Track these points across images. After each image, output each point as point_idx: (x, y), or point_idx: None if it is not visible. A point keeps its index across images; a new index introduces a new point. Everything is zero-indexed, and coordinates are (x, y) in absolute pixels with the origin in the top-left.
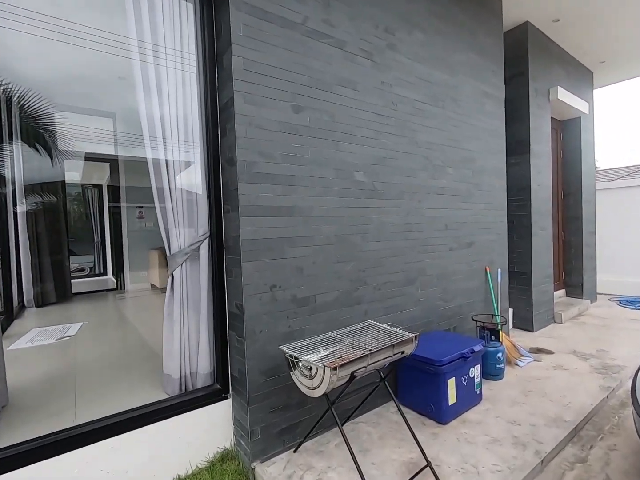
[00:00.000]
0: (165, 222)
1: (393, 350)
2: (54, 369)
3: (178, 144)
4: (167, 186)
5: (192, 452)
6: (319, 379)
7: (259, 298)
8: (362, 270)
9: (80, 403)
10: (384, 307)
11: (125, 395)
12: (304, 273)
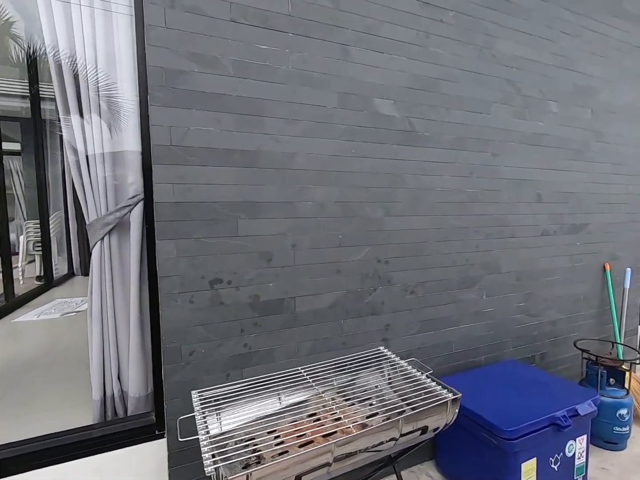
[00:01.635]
0: (77, 170)
1: (401, 428)
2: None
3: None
4: (77, 118)
5: None
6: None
7: (189, 299)
8: (384, 260)
9: None
10: (420, 322)
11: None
12: (274, 262)
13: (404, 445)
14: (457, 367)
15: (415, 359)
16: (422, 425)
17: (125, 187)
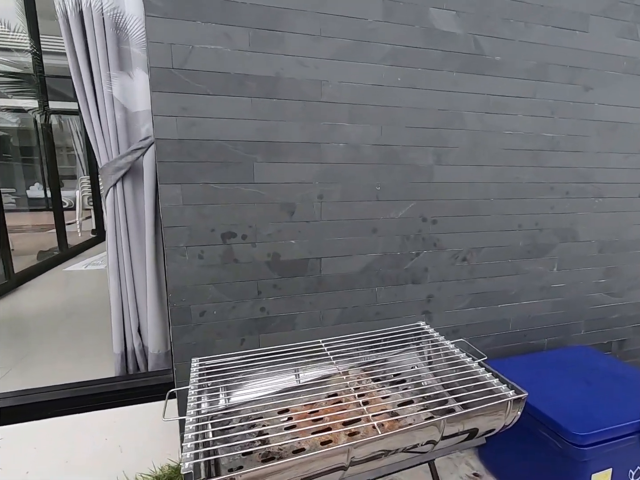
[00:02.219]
0: (86, 109)
1: (443, 429)
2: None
3: None
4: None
5: (128, 460)
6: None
7: (198, 254)
8: (431, 219)
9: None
10: (471, 295)
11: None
12: (297, 216)
13: (443, 451)
14: (511, 349)
15: (464, 339)
16: (471, 427)
17: (137, 128)
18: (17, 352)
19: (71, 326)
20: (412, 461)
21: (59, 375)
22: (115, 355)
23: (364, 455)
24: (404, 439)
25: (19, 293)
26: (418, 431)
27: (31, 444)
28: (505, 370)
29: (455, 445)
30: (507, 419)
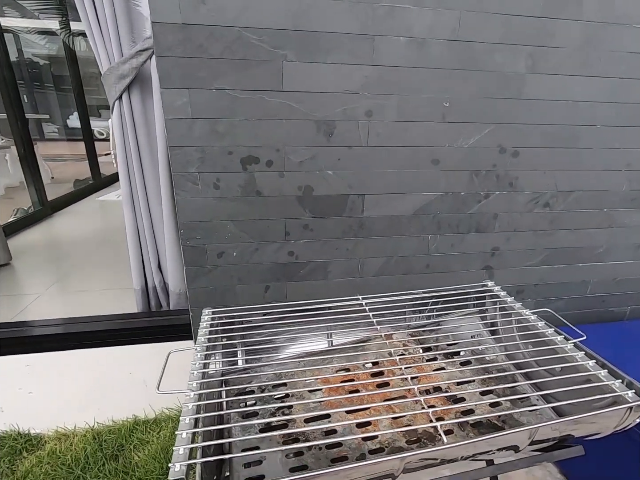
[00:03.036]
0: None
1: (534, 434)
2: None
3: None
4: None
5: (154, 395)
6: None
7: (213, 183)
8: (511, 150)
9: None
10: (548, 249)
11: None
12: (337, 138)
13: (525, 462)
14: (584, 316)
15: (550, 310)
16: (565, 433)
17: (141, 23)
18: (47, 279)
19: (101, 256)
20: (481, 473)
21: (86, 306)
22: (136, 291)
23: (418, 461)
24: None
25: (54, 220)
26: (508, 434)
27: (57, 372)
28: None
29: (542, 456)
30: (619, 426)
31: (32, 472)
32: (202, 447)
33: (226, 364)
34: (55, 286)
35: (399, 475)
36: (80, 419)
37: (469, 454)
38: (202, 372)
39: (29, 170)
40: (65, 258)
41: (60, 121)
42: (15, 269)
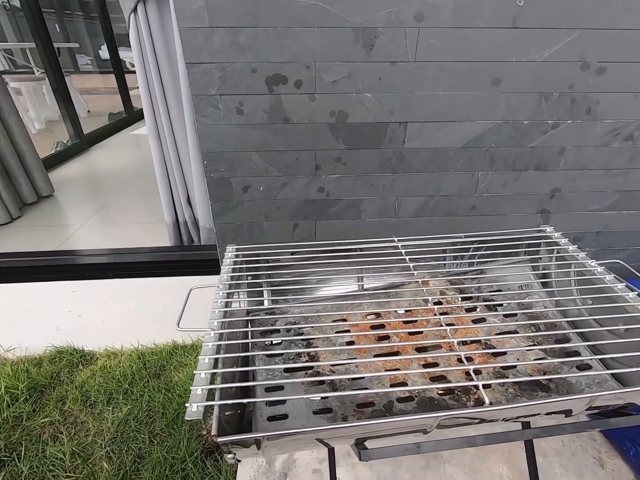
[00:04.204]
0: None
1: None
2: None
3: None
4: None
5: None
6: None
7: (236, 107)
8: (597, 66)
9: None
10: (618, 192)
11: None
12: (378, 51)
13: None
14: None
15: (620, 261)
16: (625, 402)
17: None
18: (86, 211)
19: (136, 189)
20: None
21: (123, 238)
22: (167, 225)
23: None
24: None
25: (90, 153)
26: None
27: (100, 298)
28: None
29: (595, 423)
30: None
31: (87, 382)
32: (221, 388)
33: (252, 303)
34: (94, 218)
35: (427, 432)
36: (125, 340)
37: (513, 417)
38: (224, 311)
39: (63, 104)
40: (103, 191)
41: (93, 52)
42: (58, 201)
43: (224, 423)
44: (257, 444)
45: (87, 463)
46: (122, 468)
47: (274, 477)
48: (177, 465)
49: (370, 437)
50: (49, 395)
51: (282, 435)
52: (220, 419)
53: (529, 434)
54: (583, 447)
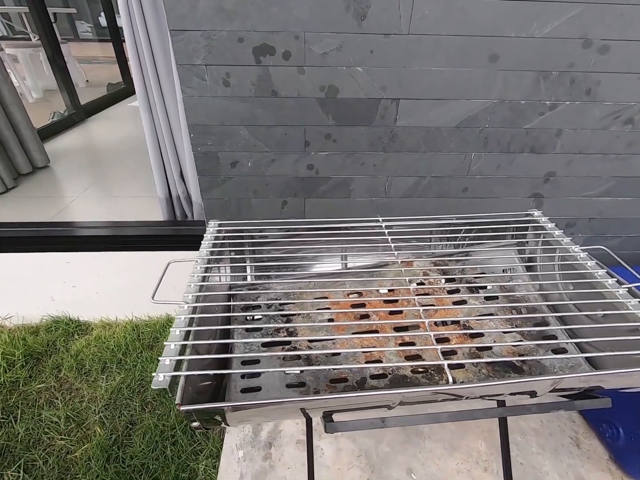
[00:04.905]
0: None
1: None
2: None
3: None
4: None
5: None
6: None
7: (222, 79)
8: (599, 43)
9: (104, 181)
10: (615, 178)
11: (133, 198)
12: (370, 21)
13: (540, 408)
14: None
15: (605, 248)
16: (594, 385)
17: None
18: (82, 183)
19: (133, 162)
20: (488, 413)
21: (117, 211)
22: (160, 199)
23: (418, 396)
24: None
25: (88, 124)
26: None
27: (94, 270)
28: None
29: (563, 404)
30: None
31: (83, 351)
32: (190, 360)
33: (234, 278)
34: (90, 190)
35: (396, 407)
36: (120, 312)
37: (476, 395)
38: (200, 285)
39: (59, 72)
40: (100, 163)
41: (92, 19)
42: (53, 172)
43: (192, 393)
44: (221, 415)
45: (81, 427)
46: (115, 432)
47: (259, 446)
48: (167, 432)
49: (336, 410)
50: (45, 363)
51: (243, 406)
52: (187, 388)
53: (493, 413)
54: (561, 427)
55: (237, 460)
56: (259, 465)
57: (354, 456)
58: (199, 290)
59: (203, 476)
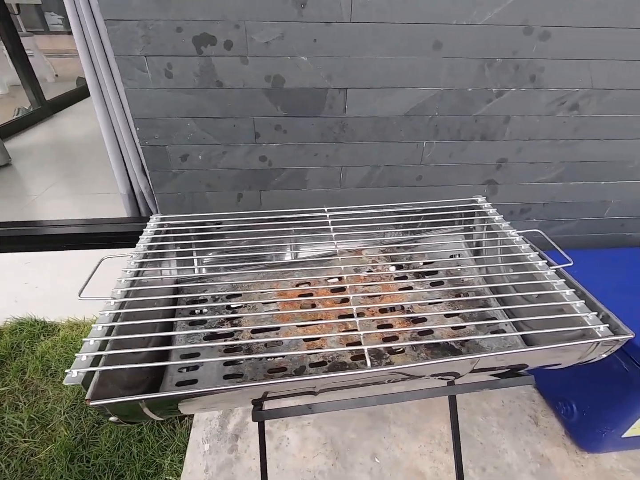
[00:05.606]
0: None
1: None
2: None
3: None
4: None
5: None
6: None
7: (164, 70)
8: (540, 30)
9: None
10: (565, 163)
11: (100, 195)
12: (310, 10)
13: (464, 388)
14: (597, 240)
15: (539, 231)
16: (520, 362)
17: None
18: (45, 181)
19: (99, 158)
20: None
21: (81, 209)
22: (122, 195)
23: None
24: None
25: (55, 120)
26: (435, 362)
27: (56, 270)
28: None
29: (487, 383)
30: (583, 359)
31: (49, 352)
32: (110, 355)
33: (183, 272)
34: (53, 188)
35: (319, 392)
36: (88, 312)
37: (397, 379)
38: (132, 280)
39: (21, 67)
40: (65, 160)
41: (63, 10)
42: (15, 170)
43: (119, 388)
44: (136, 408)
45: (45, 429)
46: (80, 432)
47: (225, 439)
48: (134, 429)
49: (266, 398)
50: (9, 366)
51: (157, 398)
52: (105, 384)
53: (419, 395)
54: (521, 406)
55: (202, 453)
56: (225, 457)
57: (320, 444)
58: (131, 285)
59: (169, 471)
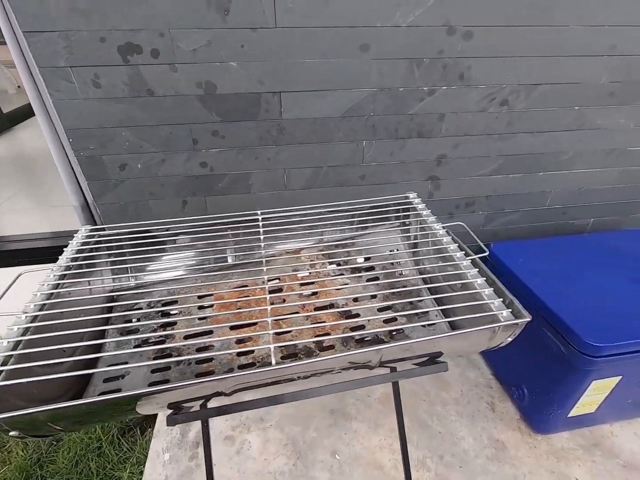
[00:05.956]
0: None
1: (381, 355)
2: None
3: None
4: None
5: None
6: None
7: (92, 80)
8: (463, 30)
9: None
10: (503, 156)
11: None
12: (235, 16)
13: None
14: (542, 229)
15: (463, 224)
16: (434, 351)
17: None
18: (1, 194)
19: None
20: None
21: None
22: (75, 207)
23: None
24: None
25: (14, 133)
26: (349, 354)
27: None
28: (525, 253)
29: (399, 373)
30: (492, 342)
31: None
32: (11, 370)
33: (118, 282)
34: (7, 203)
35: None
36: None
37: (307, 374)
38: (50, 293)
39: None
40: (20, 174)
41: None
42: None
43: (22, 402)
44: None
45: (0, 450)
46: (37, 452)
47: (186, 447)
48: (93, 444)
49: (182, 401)
50: None
51: (58, 409)
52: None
53: (327, 390)
54: (479, 394)
55: (162, 463)
56: (185, 465)
57: (281, 445)
58: (49, 299)
59: None
